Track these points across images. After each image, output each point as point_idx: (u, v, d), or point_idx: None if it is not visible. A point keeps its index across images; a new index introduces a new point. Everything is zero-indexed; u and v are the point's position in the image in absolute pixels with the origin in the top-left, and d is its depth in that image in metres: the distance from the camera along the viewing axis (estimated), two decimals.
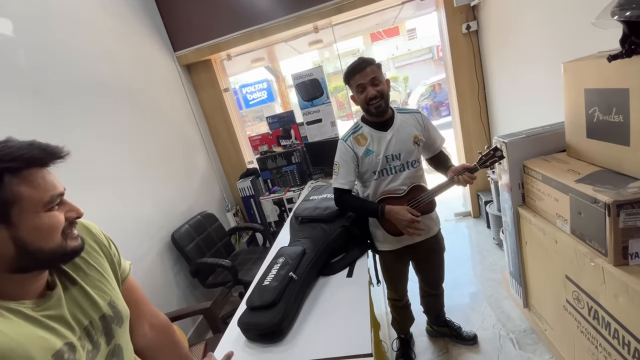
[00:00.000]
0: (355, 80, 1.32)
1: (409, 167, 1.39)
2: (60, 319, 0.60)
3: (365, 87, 1.30)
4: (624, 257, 0.99)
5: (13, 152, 0.51)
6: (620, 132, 1.05)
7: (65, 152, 0.58)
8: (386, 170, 1.38)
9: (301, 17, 2.62)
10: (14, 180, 0.51)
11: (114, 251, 0.78)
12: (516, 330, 1.78)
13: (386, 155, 1.37)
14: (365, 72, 1.29)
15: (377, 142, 1.37)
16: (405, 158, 1.38)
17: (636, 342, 0.96)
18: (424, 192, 1.38)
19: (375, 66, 1.32)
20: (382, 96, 1.31)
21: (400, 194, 1.38)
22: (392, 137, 1.37)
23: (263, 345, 1.05)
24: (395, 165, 1.38)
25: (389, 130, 1.37)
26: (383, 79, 1.33)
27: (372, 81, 1.29)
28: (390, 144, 1.36)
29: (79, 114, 1.81)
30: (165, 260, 2.25)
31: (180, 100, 2.89)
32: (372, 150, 1.38)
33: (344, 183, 1.40)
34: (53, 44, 1.76)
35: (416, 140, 1.39)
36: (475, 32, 2.59)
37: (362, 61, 1.32)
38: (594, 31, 1.06)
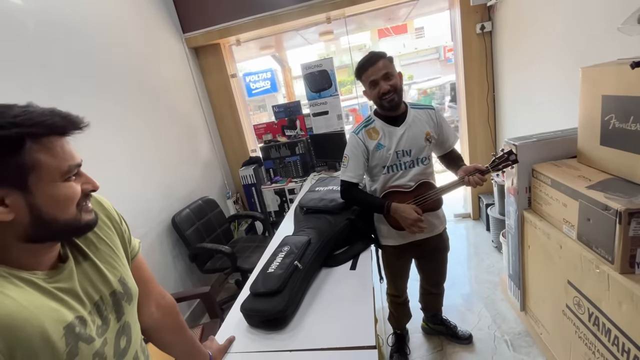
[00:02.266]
0: (367, 75, 1.30)
1: (419, 163, 1.37)
2: (71, 292, 0.59)
3: (377, 82, 1.28)
4: (630, 266, 1.00)
5: (34, 118, 0.50)
6: (637, 141, 1.04)
7: (85, 123, 0.56)
8: (396, 165, 1.37)
9: (314, 6, 2.58)
10: (33, 147, 0.50)
11: (125, 228, 0.76)
12: (511, 332, 1.79)
13: (397, 151, 1.35)
14: (377, 67, 1.27)
15: (389, 137, 1.36)
16: (416, 154, 1.36)
17: (636, 350, 0.97)
18: (431, 189, 1.36)
19: (387, 60, 1.30)
20: (395, 90, 1.29)
21: (407, 189, 1.37)
22: (404, 133, 1.35)
23: (265, 332, 1.05)
24: (405, 161, 1.36)
25: (402, 125, 1.36)
26: (395, 73, 1.30)
27: (385, 76, 1.27)
28: (402, 139, 1.35)
29: (84, 91, 1.78)
30: (164, 243, 2.24)
31: (186, 83, 2.85)
32: (384, 145, 1.36)
33: (352, 176, 1.39)
34: (61, 16, 1.72)
35: (428, 137, 1.38)
36: (489, 32, 2.57)
37: (373, 55, 1.29)
38: (611, 38, 1.06)
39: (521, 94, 2.32)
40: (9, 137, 0.47)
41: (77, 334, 0.55)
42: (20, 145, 0.49)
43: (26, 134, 0.49)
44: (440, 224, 1.51)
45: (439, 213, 1.47)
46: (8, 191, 0.49)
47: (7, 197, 0.49)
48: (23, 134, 0.49)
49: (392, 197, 1.37)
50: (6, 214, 0.49)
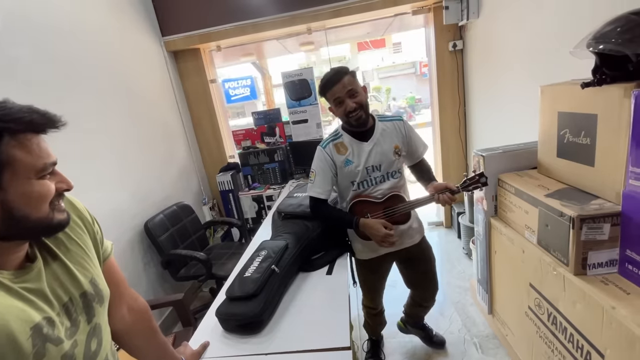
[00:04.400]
0: (332, 94, 1.27)
1: (390, 177, 1.36)
2: (39, 292, 0.57)
3: (342, 100, 1.26)
4: (583, 267, 1.08)
5: (13, 114, 0.49)
6: (587, 154, 1.15)
7: (63, 122, 0.56)
8: (366, 181, 1.35)
9: (296, 17, 2.64)
10: (10, 143, 0.49)
11: (97, 229, 0.75)
12: (480, 335, 1.87)
13: (366, 167, 1.33)
14: (342, 84, 1.24)
15: (357, 153, 1.34)
16: (386, 169, 1.35)
17: (589, 346, 1.05)
18: (401, 202, 1.36)
19: (350, 75, 1.27)
20: (361, 107, 1.27)
21: (377, 199, 1.36)
22: (373, 148, 1.33)
23: (240, 336, 1.04)
24: (375, 176, 1.35)
25: (369, 140, 1.34)
26: (360, 88, 1.28)
27: (350, 93, 1.25)
28: (371, 155, 1.33)
29: (55, 92, 1.72)
30: (135, 250, 2.16)
31: (164, 87, 2.80)
32: (352, 161, 1.34)
33: (320, 192, 1.35)
34: (32, 15, 1.66)
35: (397, 151, 1.36)
36: (460, 50, 2.73)
37: (336, 72, 1.26)
38: (570, 59, 1.16)
39: (489, 108, 2.47)
40: None
41: (45, 335, 0.53)
42: None
43: (4, 129, 0.48)
44: (416, 233, 1.48)
45: (411, 223, 1.45)
46: None
47: None
48: (1, 129, 0.48)
49: (362, 206, 1.35)
50: None
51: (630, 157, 0.96)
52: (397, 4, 2.56)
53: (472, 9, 2.37)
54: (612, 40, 0.98)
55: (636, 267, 0.99)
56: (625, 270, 1.03)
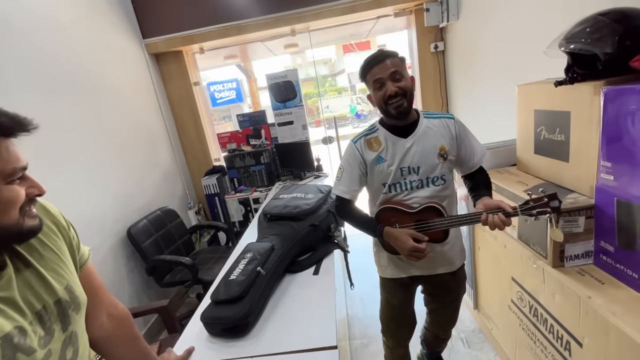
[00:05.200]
0: (372, 74, 1.08)
1: (430, 184, 1.12)
2: (9, 301, 0.55)
3: (383, 83, 1.07)
4: (560, 260, 1.12)
5: None
6: (562, 150, 1.19)
7: (34, 125, 0.54)
8: (400, 184, 1.13)
9: (280, 19, 2.64)
10: None
11: (73, 234, 0.73)
12: (466, 330, 1.90)
13: (401, 167, 1.12)
14: (385, 65, 1.06)
15: (392, 150, 1.13)
16: (426, 173, 1.12)
17: (568, 335, 1.08)
18: (440, 216, 1.10)
19: (398, 59, 1.09)
20: (404, 94, 1.07)
21: (410, 209, 1.13)
22: (412, 146, 1.11)
23: (226, 340, 1.03)
24: (412, 180, 1.12)
25: (410, 137, 1.12)
26: (407, 74, 1.09)
27: (393, 75, 1.06)
28: (409, 153, 1.11)
29: (30, 95, 1.67)
30: (118, 256, 2.11)
31: (145, 90, 2.75)
32: (385, 159, 1.14)
33: (344, 191, 1.19)
34: (5, 14, 1.61)
35: (442, 153, 1.12)
36: (442, 52, 2.78)
37: (381, 52, 1.09)
38: (545, 59, 1.20)
39: (471, 107, 2.53)
40: None
41: (15, 344, 0.52)
42: None
43: None
44: (457, 259, 1.24)
45: (453, 244, 1.21)
46: None
47: None
48: None
49: (390, 214, 1.14)
50: None
51: (601, 151, 1.00)
52: (379, 6, 2.59)
53: (452, 11, 2.43)
54: (582, 40, 1.02)
55: (610, 258, 1.03)
56: (600, 261, 1.07)
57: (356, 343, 1.94)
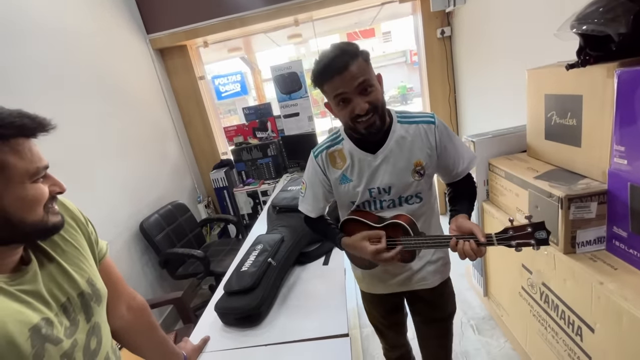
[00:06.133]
0: (333, 87, 0.83)
1: (404, 203, 0.96)
2: (35, 294, 0.57)
3: (350, 99, 0.83)
4: (572, 246, 1.11)
5: (4, 119, 0.50)
6: (574, 135, 1.17)
7: (53, 125, 0.56)
8: (369, 202, 0.97)
9: (283, 9, 2.61)
10: (3, 148, 0.50)
11: (91, 229, 0.75)
12: (476, 317, 1.91)
13: (369, 188, 0.95)
14: (350, 74, 0.80)
15: (358, 168, 0.95)
16: (398, 193, 0.94)
17: (579, 321, 1.08)
18: (406, 234, 0.91)
19: (362, 59, 0.83)
20: (375, 109, 0.84)
21: (375, 224, 0.95)
22: (381, 164, 0.93)
23: (240, 329, 1.06)
24: (382, 199, 0.96)
25: (378, 152, 0.93)
26: (375, 79, 0.86)
27: (361, 87, 0.82)
28: (378, 173, 0.93)
29: (42, 95, 1.69)
30: (132, 251, 2.16)
31: (152, 85, 2.77)
32: (350, 179, 0.96)
33: (309, 210, 1.06)
34: (5, 14, 1.62)
35: (418, 169, 0.92)
36: (449, 37, 2.72)
37: (342, 53, 0.81)
38: (556, 41, 1.17)
39: (479, 94, 2.48)
40: None
41: (44, 335, 0.54)
42: None
43: None
44: (433, 274, 1.04)
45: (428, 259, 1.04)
46: None
47: None
48: None
49: (354, 226, 0.98)
50: None
51: (615, 135, 0.98)
52: None
53: None
54: (595, 20, 0.99)
55: (623, 243, 1.02)
56: (613, 247, 1.06)
57: (367, 331, 1.97)
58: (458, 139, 0.99)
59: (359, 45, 0.85)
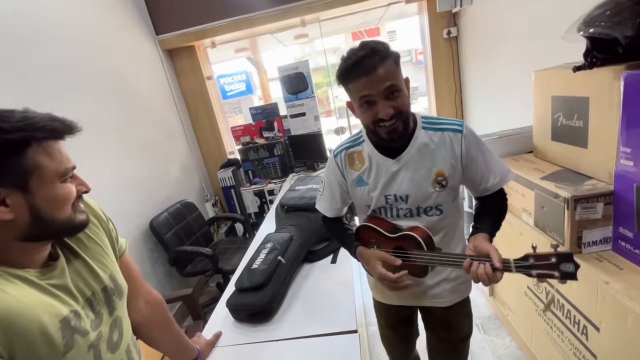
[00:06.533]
0: (358, 88, 0.80)
1: (422, 214, 0.91)
2: (64, 288, 0.61)
3: (374, 102, 0.80)
4: (578, 246, 1.12)
5: (36, 123, 0.53)
6: (580, 136, 1.18)
7: (79, 128, 0.60)
8: (385, 209, 0.94)
9: (290, 10, 2.63)
10: (36, 150, 0.53)
11: (112, 227, 0.79)
12: (482, 316, 1.92)
13: (386, 195, 0.91)
14: (378, 76, 0.77)
15: (376, 172, 0.92)
16: (416, 202, 0.90)
17: (585, 321, 1.09)
18: (419, 249, 0.87)
19: (392, 61, 0.79)
20: (399, 115, 0.81)
21: (390, 234, 0.92)
22: (400, 171, 0.89)
23: (251, 325, 1.09)
24: (399, 207, 0.92)
25: (397, 158, 0.88)
26: (403, 84, 0.82)
27: (388, 91, 0.78)
28: (395, 179, 0.89)
29: (53, 95, 1.74)
30: (141, 248, 2.20)
31: (160, 86, 2.81)
32: (367, 182, 0.93)
33: (326, 208, 1.05)
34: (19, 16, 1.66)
35: (439, 179, 0.87)
36: (455, 37, 2.73)
37: (370, 53, 0.77)
38: (562, 43, 1.18)
39: (485, 94, 2.49)
40: (15, 141, 0.50)
41: (73, 327, 0.57)
42: (23, 148, 0.52)
43: (30, 137, 0.52)
44: (447, 292, 0.98)
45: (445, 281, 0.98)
46: (10, 191, 0.52)
47: (8, 197, 0.52)
48: (28, 137, 0.51)
49: (370, 234, 0.96)
50: (7, 214, 0.51)
51: (621, 137, 0.99)
52: None
53: None
54: (602, 23, 1.00)
55: (629, 244, 1.03)
56: (619, 247, 1.07)
57: (373, 329, 1.99)
58: (489, 151, 0.91)
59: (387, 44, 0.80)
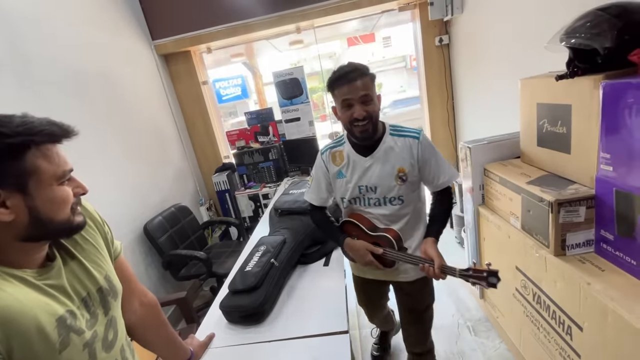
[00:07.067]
0: (341, 92, 1.05)
1: (388, 203, 1.14)
2: (60, 288, 0.62)
3: (352, 104, 1.04)
4: (562, 249, 1.16)
5: (35, 127, 0.55)
6: (564, 142, 1.22)
7: (76, 132, 0.62)
8: (359, 199, 1.18)
9: (285, 17, 2.68)
10: (35, 153, 0.55)
11: (107, 230, 0.80)
12: (472, 318, 1.95)
13: (359, 185, 1.15)
14: (356, 86, 1.02)
15: (352, 167, 1.16)
16: (383, 193, 1.13)
17: (569, 321, 1.13)
18: (390, 246, 1.12)
19: (369, 78, 1.05)
20: (370, 118, 1.05)
21: (370, 231, 1.16)
22: (371, 166, 1.13)
23: (244, 327, 1.11)
24: (370, 197, 1.16)
25: (370, 156, 1.13)
26: (375, 97, 1.07)
27: (363, 98, 1.03)
28: (367, 173, 1.13)
29: (49, 98, 1.75)
30: (136, 252, 2.20)
31: (156, 90, 2.83)
32: (345, 175, 1.17)
33: (313, 198, 1.27)
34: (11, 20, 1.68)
35: (401, 175, 1.11)
36: (447, 45, 2.79)
37: (353, 70, 1.04)
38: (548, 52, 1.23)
39: (476, 101, 2.55)
40: (15, 145, 0.52)
41: (69, 325, 0.59)
42: (23, 152, 0.54)
43: (30, 141, 0.54)
44: (411, 269, 1.21)
45: None
46: (9, 194, 0.54)
47: (8, 199, 0.54)
48: (27, 141, 0.53)
49: (353, 228, 1.20)
50: (7, 215, 0.53)
51: (601, 143, 1.04)
52: (383, 1, 2.61)
53: (456, 5, 2.44)
54: (582, 34, 1.05)
55: (610, 246, 1.07)
56: (601, 249, 1.11)
57: (365, 332, 2.01)
58: (441, 156, 1.16)
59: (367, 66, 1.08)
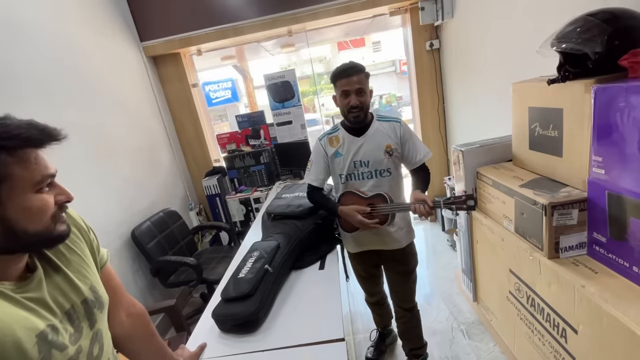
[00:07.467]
0: (341, 84, 1.31)
1: (378, 175, 1.39)
2: (40, 301, 0.58)
3: (349, 94, 1.31)
4: (555, 251, 1.17)
5: (11, 131, 0.51)
6: (555, 145, 1.23)
7: (63, 135, 0.58)
8: (354, 174, 1.41)
9: (277, 20, 2.66)
10: (7, 159, 0.51)
11: (93, 237, 0.76)
12: (466, 322, 1.95)
13: (354, 161, 1.39)
14: (353, 80, 1.29)
15: (347, 146, 1.39)
16: (374, 166, 1.38)
17: (564, 323, 1.13)
18: (384, 202, 1.35)
19: (364, 75, 1.32)
20: (362, 108, 1.31)
21: (364, 195, 1.38)
22: (363, 144, 1.38)
23: (238, 336, 1.07)
24: (363, 171, 1.39)
25: (362, 136, 1.38)
26: (368, 91, 1.33)
27: (358, 90, 1.29)
28: (360, 150, 1.38)
29: (32, 101, 1.69)
30: (123, 258, 2.13)
31: (144, 93, 2.77)
32: (341, 153, 1.41)
33: (313, 179, 1.47)
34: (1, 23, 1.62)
35: (388, 150, 1.37)
36: (437, 49, 2.82)
37: (352, 67, 1.30)
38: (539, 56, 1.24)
39: (467, 104, 2.57)
40: None
41: (50, 341, 0.55)
42: None
43: (1, 147, 0.50)
44: (403, 237, 1.47)
45: (399, 224, 1.45)
46: None
47: None
48: None
49: (349, 197, 1.41)
50: None
51: (593, 147, 1.05)
52: (374, 5, 2.62)
53: (446, 10, 2.46)
54: (573, 39, 1.07)
55: (602, 248, 1.08)
56: (593, 252, 1.12)
57: (359, 337, 1.98)
58: (418, 138, 1.45)
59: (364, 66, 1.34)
